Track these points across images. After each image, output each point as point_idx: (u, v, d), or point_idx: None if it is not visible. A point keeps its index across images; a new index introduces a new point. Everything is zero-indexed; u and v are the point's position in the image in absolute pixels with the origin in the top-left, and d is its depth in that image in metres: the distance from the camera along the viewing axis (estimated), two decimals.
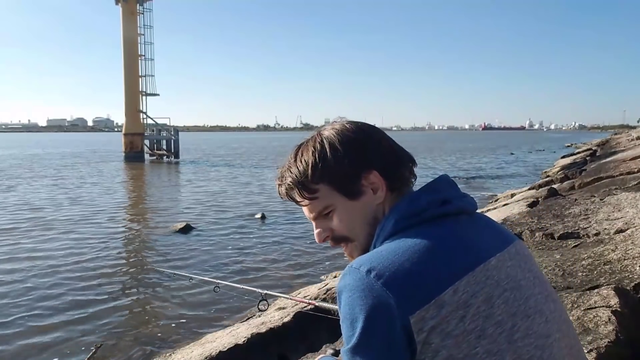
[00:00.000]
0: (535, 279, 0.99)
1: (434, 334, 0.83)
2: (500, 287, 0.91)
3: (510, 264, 0.96)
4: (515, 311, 0.90)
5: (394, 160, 1.02)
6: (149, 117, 34.80)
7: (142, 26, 33.66)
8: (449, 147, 59.22)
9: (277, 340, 3.54)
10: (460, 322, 0.84)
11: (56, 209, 12.61)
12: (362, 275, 0.86)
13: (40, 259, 7.68)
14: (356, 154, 0.99)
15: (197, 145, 64.51)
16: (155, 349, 4.59)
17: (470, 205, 1.03)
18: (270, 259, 7.72)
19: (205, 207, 13.07)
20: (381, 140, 1.03)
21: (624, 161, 11.93)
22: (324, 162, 0.99)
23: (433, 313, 0.83)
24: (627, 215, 4.57)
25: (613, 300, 2.42)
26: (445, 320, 0.84)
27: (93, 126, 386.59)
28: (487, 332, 0.85)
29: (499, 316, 0.87)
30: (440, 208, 0.96)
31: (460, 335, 0.84)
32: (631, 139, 29.57)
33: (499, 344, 0.86)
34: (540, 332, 0.92)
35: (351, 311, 0.86)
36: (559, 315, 0.99)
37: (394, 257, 0.88)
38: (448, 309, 0.84)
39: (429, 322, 0.83)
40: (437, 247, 0.90)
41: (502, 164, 29.89)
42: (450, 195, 0.99)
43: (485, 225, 1.02)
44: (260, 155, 41.87)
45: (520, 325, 0.89)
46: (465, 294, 0.86)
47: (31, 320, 5.30)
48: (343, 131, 1.01)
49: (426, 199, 0.96)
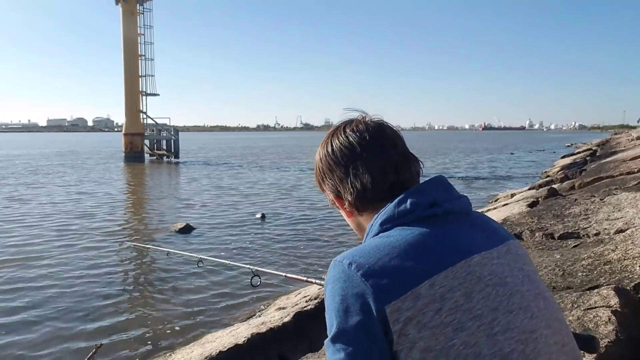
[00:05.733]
0: (525, 277, 1.00)
1: (411, 325, 0.86)
2: (482, 283, 0.93)
3: (497, 262, 0.98)
4: (497, 306, 0.92)
5: (369, 186, 1.04)
6: (149, 117, 34.80)
7: (142, 26, 33.66)
8: (449, 147, 59.21)
9: (277, 340, 3.54)
10: (436, 315, 0.87)
11: (56, 209, 12.61)
12: (344, 267, 0.92)
13: (39, 259, 7.68)
14: (332, 182, 1.09)
15: (197, 145, 64.50)
16: (155, 349, 4.59)
17: (462, 206, 1.04)
18: (270, 259, 7.72)
19: (206, 207, 13.07)
20: (359, 166, 1.05)
21: (624, 161, 11.94)
22: (319, 177, 1.13)
23: (409, 304, 0.87)
24: (627, 215, 4.57)
25: (613, 300, 2.42)
26: (422, 312, 0.87)
27: (93, 126, 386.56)
28: (465, 325, 0.88)
29: (478, 310, 0.90)
30: (426, 210, 0.99)
31: (437, 327, 0.87)
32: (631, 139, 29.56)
33: (476, 336, 0.88)
34: (524, 327, 0.93)
35: (332, 301, 0.91)
36: (549, 313, 0.99)
37: (374, 252, 0.93)
38: (424, 301, 0.88)
39: (404, 312, 0.87)
40: (417, 243, 0.94)
41: (502, 164, 29.89)
42: (438, 198, 1.01)
43: (477, 225, 1.04)
44: (260, 156, 41.87)
45: (501, 319, 0.91)
46: (442, 288, 0.89)
47: (31, 320, 5.29)
48: (326, 157, 1.10)
49: (411, 202, 0.99)
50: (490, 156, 38.55)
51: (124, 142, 33.62)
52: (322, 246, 8.46)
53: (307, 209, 12.48)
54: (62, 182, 19.42)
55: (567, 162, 21.92)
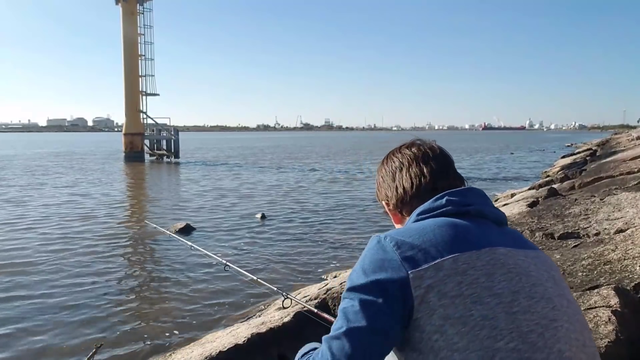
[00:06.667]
0: (551, 278, 1.04)
1: (432, 293, 0.94)
2: (505, 268, 0.99)
3: (524, 259, 1.03)
4: (518, 290, 0.97)
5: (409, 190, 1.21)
6: (149, 117, 34.78)
7: (142, 26, 33.64)
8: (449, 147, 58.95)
9: (277, 340, 3.54)
10: (456, 286, 0.94)
11: (55, 208, 12.61)
12: (381, 239, 1.04)
13: (39, 258, 7.68)
14: (383, 190, 1.29)
15: (197, 145, 64.49)
16: (155, 349, 4.58)
17: (496, 216, 1.14)
18: (270, 259, 7.72)
19: (206, 207, 13.06)
20: (403, 175, 1.23)
21: (624, 161, 11.94)
22: (376, 188, 1.35)
23: (431, 273, 0.95)
24: (627, 215, 4.57)
25: (613, 300, 2.42)
26: (443, 282, 0.95)
27: (93, 126, 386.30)
28: (484, 300, 0.94)
29: (498, 289, 0.95)
30: (460, 207, 1.10)
31: (457, 297, 0.93)
32: (631, 139, 29.57)
33: (495, 311, 0.93)
34: (545, 314, 0.96)
35: (362, 263, 1.02)
36: (572, 312, 1.01)
37: (407, 232, 1.05)
38: (446, 272, 0.96)
39: (426, 280, 0.95)
40: (447, 228, 1.04)
41: (502, 164, 29.88)
42: (474, 201, 1.12)
43: (507, 233, 1.14)
44: (260, 155, 41.86)
45: (522, 302, 0.95)
46: (465, 265, 0.97)
47: (31, 320, 5.29)
48: (381, 170, 1.31)
49: (447, 199, 1.11)
50: (490, 156, 38.53)
51: (124, 142, 33.62)
52: (322, 246, 8.45)
53: (308, 209, 12.48)
54: (62, 182, 19.41)
55: (567, 162, 21.93)
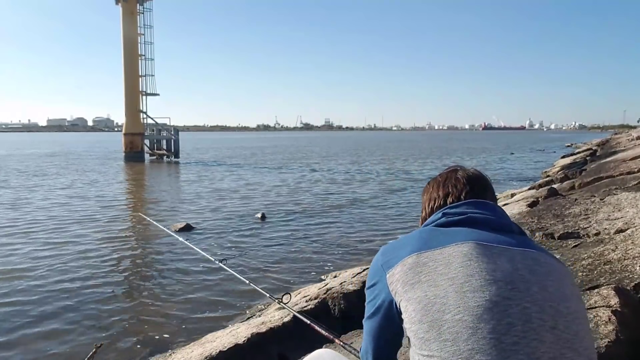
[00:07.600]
0: (532, 273, 1.12)
1: (399, 283, 1.17)
2: (466, 257, 1.13)
3: (499, 253, 1.14)
4: (474, 273, 1.10)
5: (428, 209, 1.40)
6: (149, 117, 34.76)
7: (142, 26, 33.61)
8: (449, 147, 59.19)
9: (277, 340, 3.54)
10: (416, 275, 1.14)
11: (55, 208, 12.61)
12: (378, 253, 1.30)
13: (39, 258, 7.68)
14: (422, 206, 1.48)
15: (197, 145, 64.49)
16: (155, 349, 4.58)
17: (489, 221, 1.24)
18: (270, 259, 7.71)
19: (206, 207, 13.06)
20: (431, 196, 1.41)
21: (624, 161, 11.94)
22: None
23: (399, 269, 1.18)
24: (627, 215, 4.58)
25: (613, 300, 2.42)
26: (406, 274, 1.16)
27: (93, 126, 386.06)
28: (439, 283, 1.11)
29: (453, 274, 1.11)
30: (450, 218, 1.27)
31: (416, 283, 1.13)
32: (631, 139, 29.56)
33: (447, 291, 1.09)
34: (499, 293, 1.06)
35: (369, 271, 1.30)
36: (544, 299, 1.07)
37: (396, 242, 1.30)
38: (409, 266, 1.17)
39: (395, 276, 1.18)
40: (422, 234, 1.26)
41: (502, 163, 29.88)
42: (467, 210, 1.27)
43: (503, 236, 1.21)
44: (260, 155, 41.86)
45: (474, 282, 1.08)
46: (426, 259, 1.16)
47: (31, 320, 5.29)
48: (424, 190, 1.50)
49: (444, 212, 1.30)
50: (490, 156, 38.53)
51: (124, 142, 33.59)
52: (322, 246, 8.45)
53: (308, 209, 12.48)
54: (62, 183, 19.42)
55: (567, 162, 21.92)
